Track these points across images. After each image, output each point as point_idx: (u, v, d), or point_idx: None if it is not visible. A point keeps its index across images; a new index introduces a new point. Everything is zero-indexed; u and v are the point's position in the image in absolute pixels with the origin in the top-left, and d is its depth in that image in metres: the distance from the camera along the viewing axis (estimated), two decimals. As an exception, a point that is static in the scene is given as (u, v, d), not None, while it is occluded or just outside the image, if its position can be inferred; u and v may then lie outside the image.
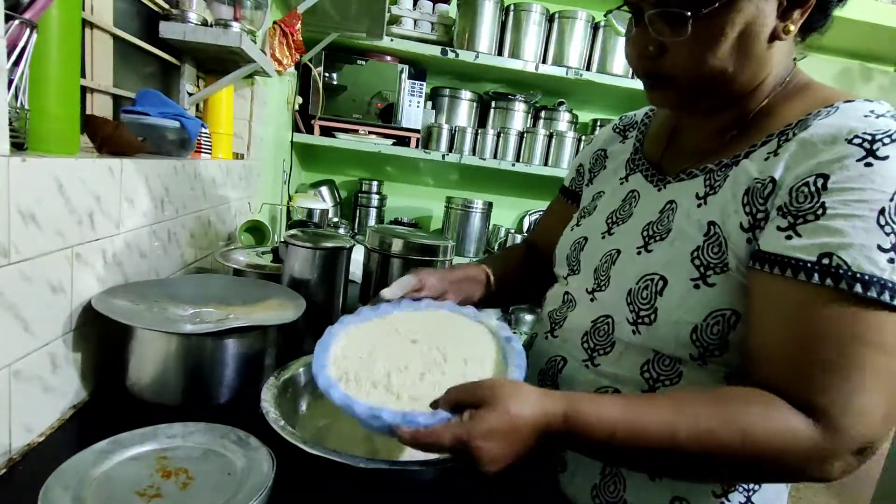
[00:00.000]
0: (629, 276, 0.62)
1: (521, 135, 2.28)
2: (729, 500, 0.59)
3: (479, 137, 2.27)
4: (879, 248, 0.45)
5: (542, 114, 2.38)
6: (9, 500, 0.53)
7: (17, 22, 0.55)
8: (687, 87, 0.58)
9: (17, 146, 0.58)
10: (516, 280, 0.86)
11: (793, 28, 0.54)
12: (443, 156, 2.23)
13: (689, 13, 0.51)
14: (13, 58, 0.56)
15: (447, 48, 2.12)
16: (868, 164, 0.47)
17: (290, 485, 0.57)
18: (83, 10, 0.83)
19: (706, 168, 0.61)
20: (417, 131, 2.21)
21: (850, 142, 0.49)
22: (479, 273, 0.82)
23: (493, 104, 2.38)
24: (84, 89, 0.95)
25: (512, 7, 2.17)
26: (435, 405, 0.51)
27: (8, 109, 0.54)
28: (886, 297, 0.45)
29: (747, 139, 0.59)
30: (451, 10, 2.24)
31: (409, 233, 1.16)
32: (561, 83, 2.26)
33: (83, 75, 0.94)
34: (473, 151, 2.28)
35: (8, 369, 0.56)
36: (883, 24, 2.35)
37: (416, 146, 2.22)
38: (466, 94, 2.36)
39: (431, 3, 2.22)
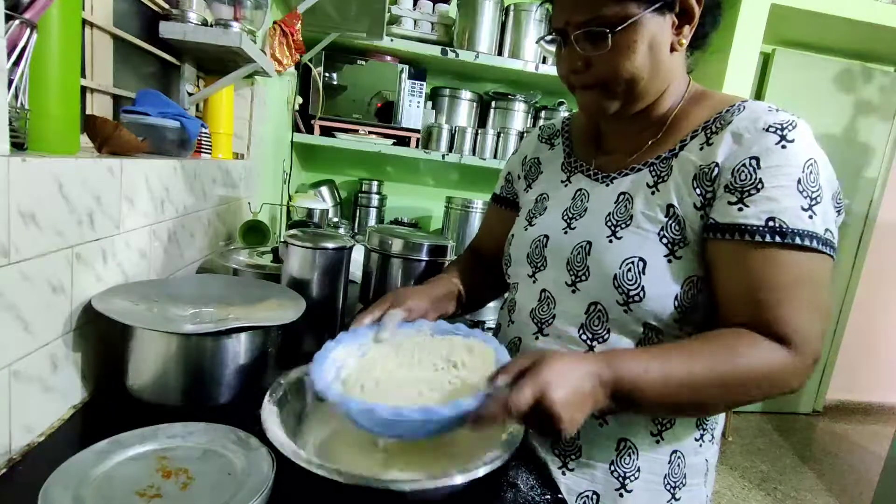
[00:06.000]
0: (610, 262, 0.68)
1: (521, 135, 2.28)
2: (663, 438, 0.70)
3: (479, 137, 2.27)
4: (801, 208, 0.59)
5: (542, 114, 2.38)
6: (9, 500, 0.53)
7: (17, 22, 0.56)
8: (612, 92, 0.68)
9: (17, 146, 0.58)
10: (477, 288, 0.90)
11: (684, 41, 0.67)
12: (443, 156, 2.23)
13: (608, 31, 0.62)
14: (13, 58, 0.56)
15: (447, 48, 2.12)
16: (783, 147, 0.61)
17: (290, 485, 0.57)
18: (83, 10, 0.83)
19: (647, 162, 0.71)
20: (417, 131, 2.21)
21: (766, 131, 0.62)
22: (453, 287, 0.85)
23: (493, 104, 2.38)
24: (84, 89, 0.95)
25: (512, 7, 2.17)
26: (493, 377, 0.56)
27: (8, 109, 0.54)
28: (814, 243, 0.59)
29: (671, 137, 0.70)
30: (451, 10, 2.24)
31: (409, 233, 1.16)
32: (561, 83, 2.26)
33: (83, 75, 0.94)
34: (473, 151, 2.28)
35: (8, 369, 0.56)
36: (883, 24, 2.35)
37: (416, 146, 2.22)
38: (466, 94, 2.36)
39: (431, 3, 2.22)
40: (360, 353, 0.67)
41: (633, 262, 0.66)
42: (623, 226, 0.69)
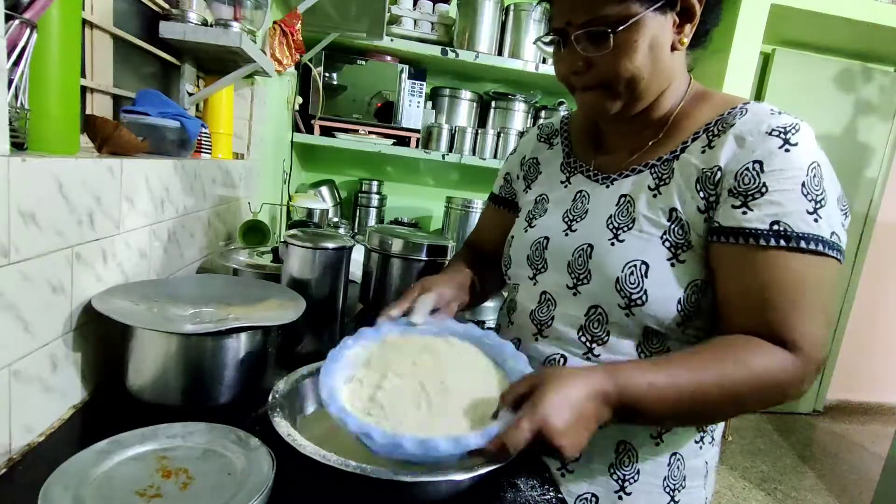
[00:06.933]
0: (612, 266, 0.67)
1: (521, 135, 2.27)
2: (662, 441, 0.70)
3: (479, 137, 2.27)
4: (807, 211, 0.59)
5: (542, 114, 2.38)
6: (9, 500, 0.53)
7: (17, 22, 0.56)
8: (613, 93, 0.67)
9: (17, 146, 0.58)
10: (483, 281, 0.89)
11: (686, 40, 0.66)
12: (443, 156, 2.23)
13: (609, 30, 0.61)
14: (13, 58, 0.56)
15: (447, 48, 2.12)
16: (787, 150, 0.60)
17: (290, 485, 0.57)
18: (83, 10, 0.83)
19: (648, 164, 0.70)
20: (417, 131, 2.21)
21: (769, 134, 0.61)
22: (468, 279, 0.85)
23: (493, 104, 2.38)
24: (84, 89, 0.95)
25: (512, 7, 2.17)
26: (495, 415, 0.56)
27: (8, 109, 0.54)
28: (820, 247, 0.58)
29: (672, 138, 0.70)
30: (451, 10, 2.24)
31: (409, 233, 1.16)
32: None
33: (83, 75, 0.94)
34: (473, 151, 2.28)
35: (8, 369, 0.56)
36: (883, 24, 2.35)
37: (416, 146, 2.22)
38: (466, 94, 2.36)
39: (431, 3, 2.22)
40: (368, 355, 0.67)
41: (635, 266, 0.65)
42: (625, 229, 0.68)
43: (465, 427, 0.57)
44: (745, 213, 0.61)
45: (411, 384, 0.62)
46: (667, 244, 0.65)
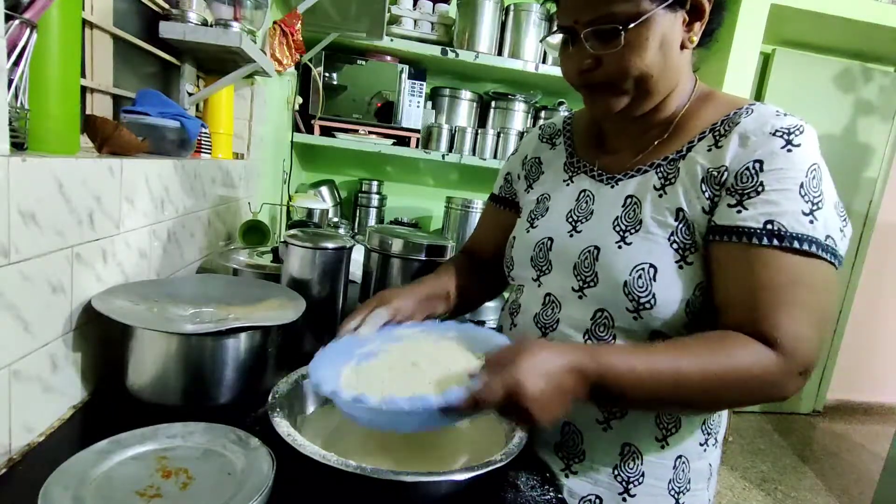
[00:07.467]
0: (620, 269, 0.66)
1: (521, 135, 2.28)
2: (668, 443, 0.69)
3: (479, 137, 2.27)
4: (802, 212, 0.59)
5: (542, 114, 2.38)
6: (9, 500, 0.53)
7: (17, 22, 0.56)
8: (621, 90, 0.66)
9: (17, 146, 0.58)
10: (469, 290, 0.87)
11: (695, 38, 0.66)
12: (443, 156, 2.23)
13: (620, 28, 0.61)
14: (13, 58, 0.56)
15: (447, 48, 2.12)
16: (789, 150, 0.60)
17: (290, 485, 0.57)
18: (83, 10, 0.83)
19: (654, 164, 0.70)
20: (417, 131, 2.21)
21: (773, 135, 0.61)
22: (441, 289, 0.82)
23: (493, 104, 2.38)
24: (84, 89, 0.95)
25: (512, 7, 2.17)
26: (471, 375, 0.56)
27: (8, 109, 0.54)
28: (813, 248, 0.58)
29: (678, 138, 0.69)
30: (451, 10, 2.24)
31: (409, 233, 1.16)
32: (561, 83, 2.24)
33: (83, 75, 0.94)
34: (473, 151, 2.28)
35: (8, 369, 0.56)
36: (883, 24, 2.35)
37: (416, 146, 2.22)
38: (466, 94, 2.36)
39: (431, 3, 2.22)
40: (355, 363, 0.66)
41: (643, 269, 0.65)
42: (632, 231, 0.67)
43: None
44: (739, 211, 0.61)
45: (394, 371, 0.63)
46: (674, 246, 0.65)
